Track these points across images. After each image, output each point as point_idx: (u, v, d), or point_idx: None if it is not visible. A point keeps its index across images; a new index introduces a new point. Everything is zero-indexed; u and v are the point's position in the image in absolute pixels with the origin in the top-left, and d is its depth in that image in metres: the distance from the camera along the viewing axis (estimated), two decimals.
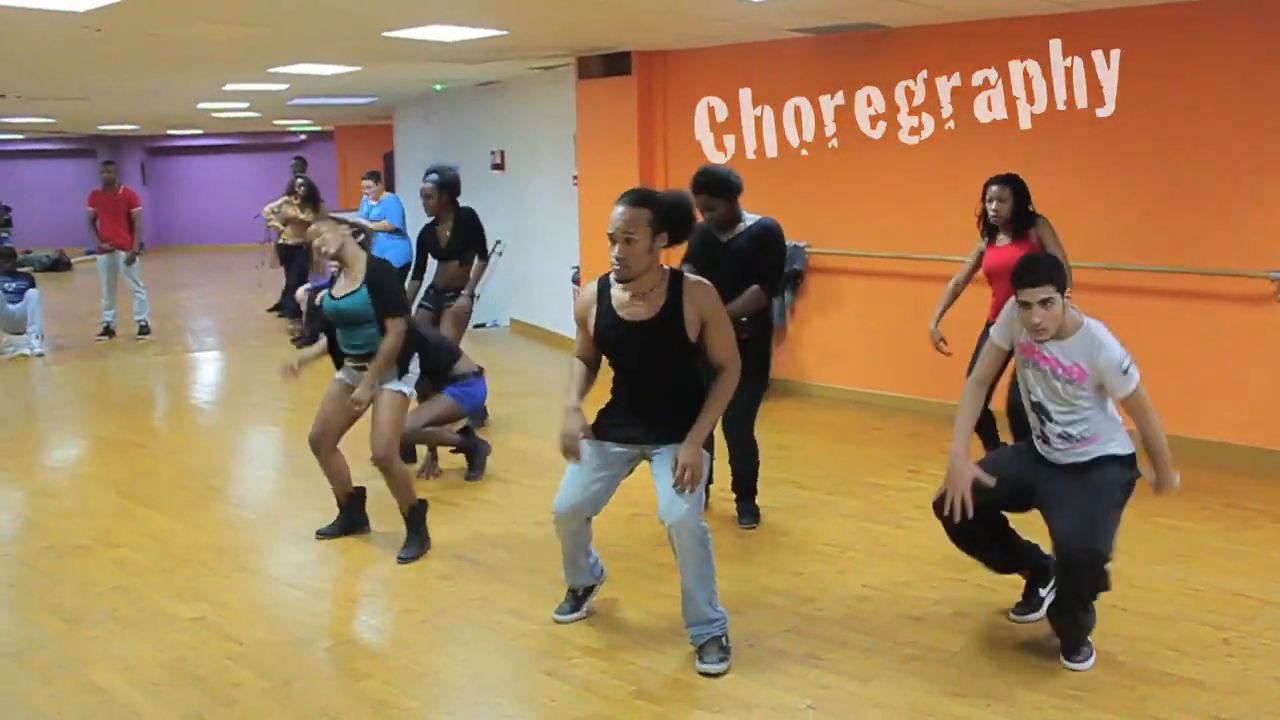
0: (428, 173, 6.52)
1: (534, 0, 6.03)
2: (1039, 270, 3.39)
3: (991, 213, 5.10)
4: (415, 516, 4.73)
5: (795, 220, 7.55)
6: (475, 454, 5.93)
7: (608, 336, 3.63)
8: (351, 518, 4.98)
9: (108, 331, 10.88)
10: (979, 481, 3.51)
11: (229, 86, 10.51)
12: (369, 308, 4.60)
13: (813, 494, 5.49)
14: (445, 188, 6.48)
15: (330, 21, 6.30)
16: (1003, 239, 5.13)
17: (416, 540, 4.70)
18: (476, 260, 6.61)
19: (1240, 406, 5.76)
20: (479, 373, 5.96)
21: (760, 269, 4.73)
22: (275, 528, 5.28)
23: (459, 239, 6.58)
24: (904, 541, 4.78)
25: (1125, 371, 3.39)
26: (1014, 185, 5.06)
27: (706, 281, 3.61)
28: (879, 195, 7.14)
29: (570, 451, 3.63)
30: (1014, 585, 3.96)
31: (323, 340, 4.97)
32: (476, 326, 11.39)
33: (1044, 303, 3.35)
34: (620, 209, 3.45)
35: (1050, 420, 3.56)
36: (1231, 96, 5.65)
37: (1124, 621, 3.87)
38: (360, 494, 5.01)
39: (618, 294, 3.58)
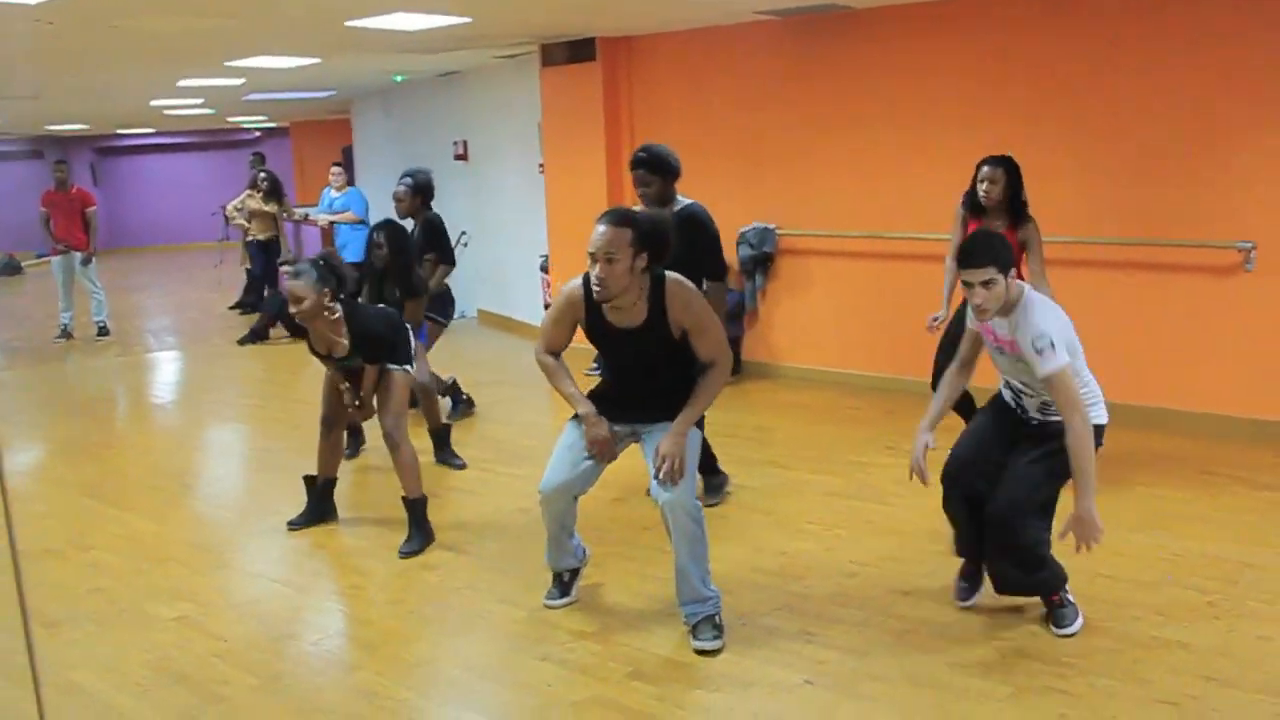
0: (402, 176, 6.46)
1: None
2: (982, 251, 3.35)
3: (982, 194, 4.98)
4: (419, 508, 4.64)
5: (764, 203, 7.61)
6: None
7: (600, 340, 3.66)
8: (321, 506, 4.95)
9: (65, 334, 10.66)
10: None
11: (184, 82, 10.31)
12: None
13: (794, 474, 5.49)
14: (419, 191, 6.43)
15: (293, 10, 6.20)
16: (991, 220, 4.97)
17: (420, 535, 4.62)
18: (441, 265, 6.55)
19: (1213, 376, 5.83)
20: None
21: (698, 259, 4.60)
22: (251, 523, 5.19)
23: (420, 241, 6.51)
24: (889, 517, 4.79)
25: (1039, 351, 3.30)
26: (1007, 167, 4.93)
27: (687, 283, 3.60)
28: (846, 175, 7.16)
29: (605, 456, 3.64)
30: None
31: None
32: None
33: (986, 284, 3.32)
34: (602, 228, 3.41)
35: (1024, 394, 3.59)
36: (1199, 65, 5.70)
37: (1111, 588, 3.91)
38: (332, 482, 4.96)
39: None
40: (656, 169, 4.67)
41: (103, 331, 10.78)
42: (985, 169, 4.98)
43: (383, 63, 9.47)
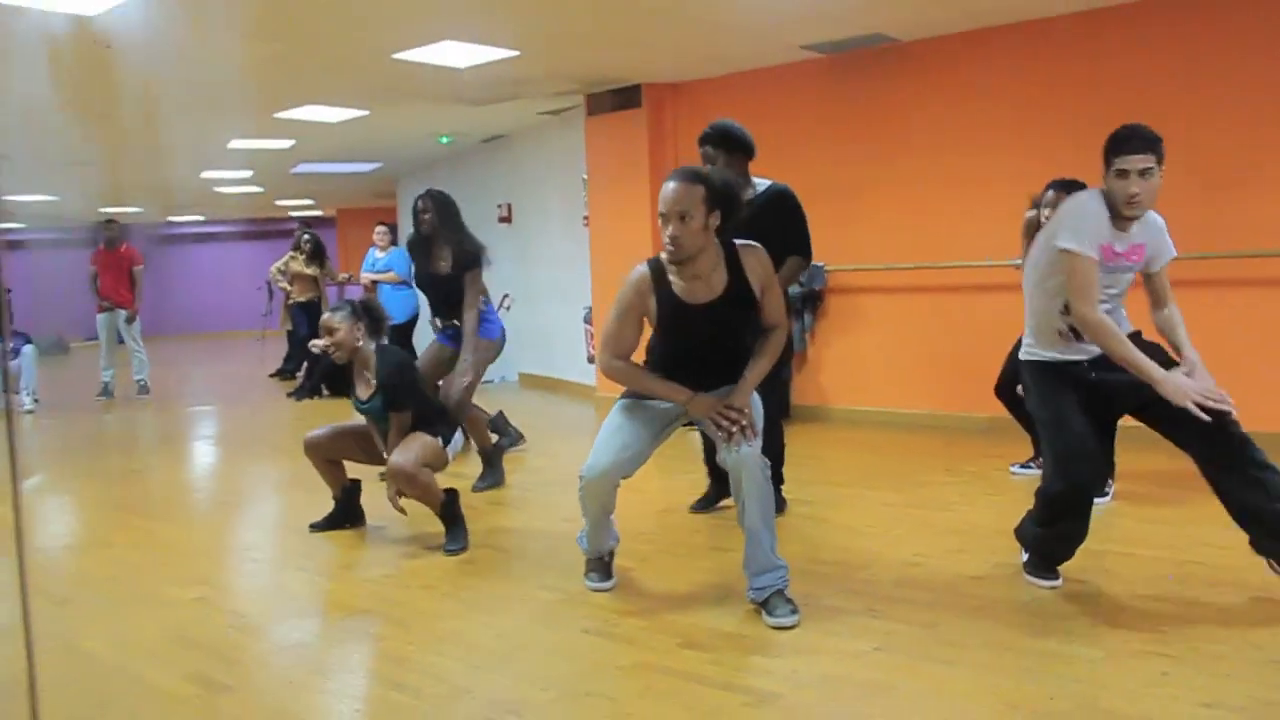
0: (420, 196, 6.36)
1: (545, 14, 6.00)
2: (1141, 138, 3.15)
3: (1044, 220, 4.64)
4: (450, 508, 4.38)
5: (814, 242, 7.44)
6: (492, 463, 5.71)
7: (674, 322, 3.41)
8: (346, 510, 4.71)
9: (106, 392, 10.63)
10: None
11: (234, 144, 10.48)
12: (384, 409, 4.41)
13: (850, 490, 5.20)
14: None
15: (343, 36, 6.25)
16: None
17: (460, 532, 4.35)
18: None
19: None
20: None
21: (787, 239, 4.48)
22: (280, 528, 4.98)
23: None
24: (950, 520, 4.49)
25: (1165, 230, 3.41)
26: (1069, 191, 4.53)
27: (758, 245, 3.44)
28: (896, 208, 7.02)
29: (745, 430, 3.31)
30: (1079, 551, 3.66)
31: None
32: (485, 383, 11.22)
33: (1144, 173, 3.12)
34: (673, 185, 3.25)
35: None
36: (1248, 80, 5.57)
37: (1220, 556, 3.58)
38: (355, 486, 4.75)
39: (678, 280, 3.36)
40: (722, 144, 4.43)
41: (143, 390, 10.74)
42: (1049, 194, 4.70)
43: (430, 120, 9.56)
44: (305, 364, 10.89)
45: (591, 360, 9.10)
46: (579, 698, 2.77)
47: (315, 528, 4.71)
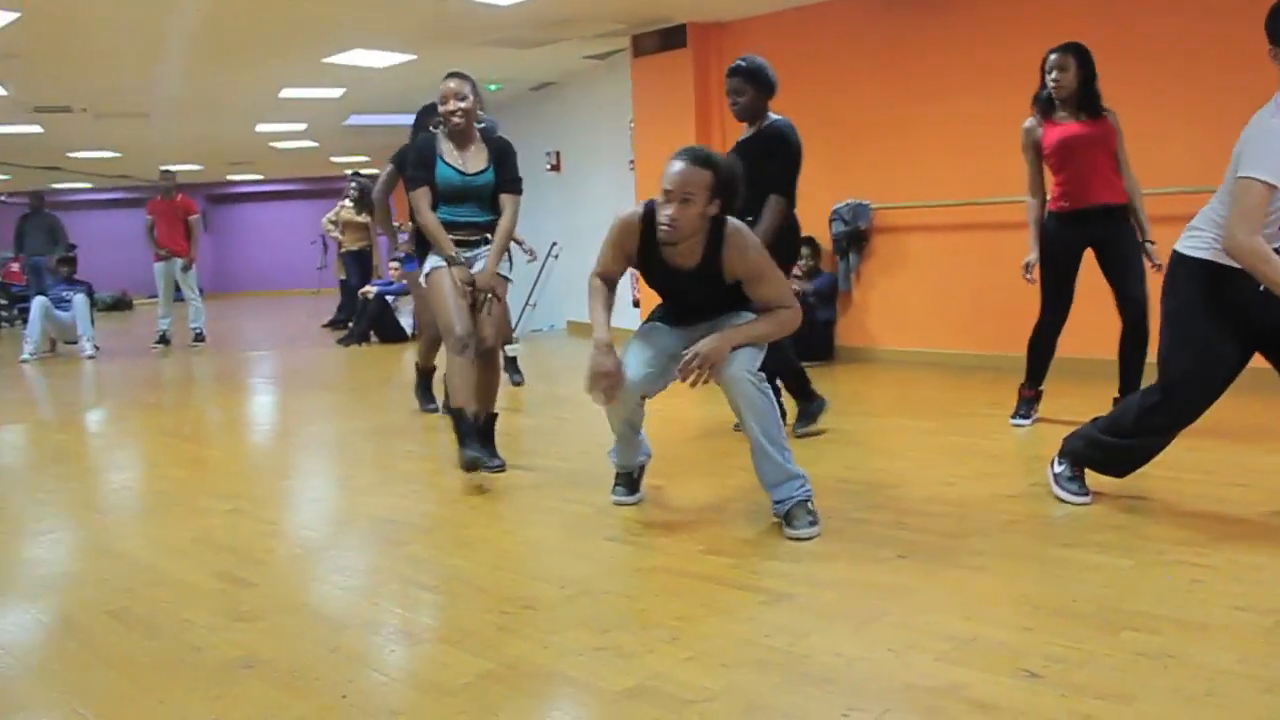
0: None
1: None
2: None
3: (1052, 83, 4.45)
4: (492, 424, 4.37)
5: (858, 179, 7.35)
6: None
7: (656, 275, 3.42)
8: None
9: (163, 339, 10.84)
10: None
11: (286, 93, 10.56)
12: (494, 184, 4.26)
13: (889, 420, 5.14)
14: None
15: None
16: (1063, 115, 4.50)
17: (496, 451, 4.33)
18: None
19: None
20: None
21: (769, 174, 4.35)
22: (321, 453, 5.04)
23: None
24: (990, 446, 4.41)
25: None
26: (1077, 54, 4.43)
27: (746, 231, 3.33)
28: (942, 146, 6.85)
29: (604, 390, 3.33)
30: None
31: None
32: (534, 331, 11.27)
33: None
34: (680, 165, 3.16)
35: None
36: None
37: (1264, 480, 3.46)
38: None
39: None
40: (752, 78, 4.46)
41: (199, 338, 10.93)
42: (1053, 57, 4.47)
43: (478, 64, 9.53)
44: (355, 312, 11.02)
45: (636, 304, 9.08)
46: (595, 595, 2.76)
47: (471, 463, 4.09)
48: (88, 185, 20.61)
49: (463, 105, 4.13)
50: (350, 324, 10.93)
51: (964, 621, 2.44)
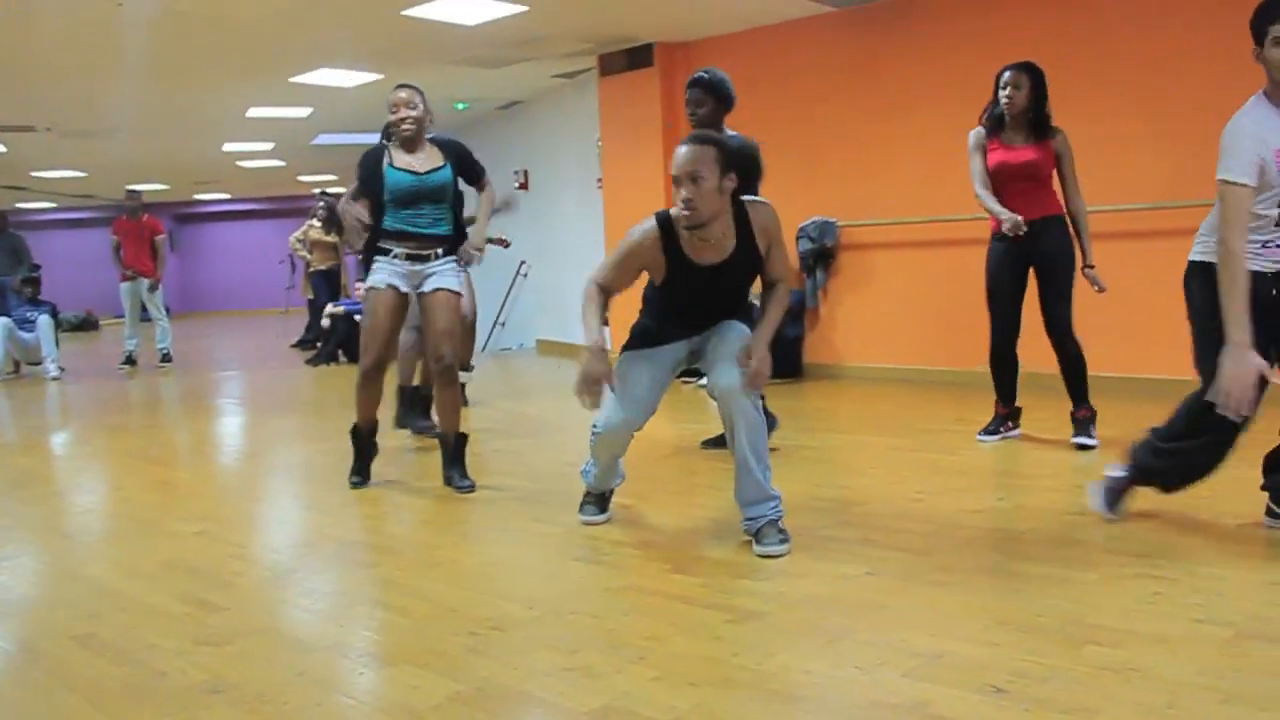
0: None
1: None
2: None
3: (1005, 99, 4.49)
4: (462, 445, 4.36)
5: (824, 197, 7.42)
6: None
7: (681, 282, 3.33)
8: (372, 451, 4.61)
9: (130, 360, 10.73)
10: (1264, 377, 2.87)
11: (253, 112, 10.52)
12: (452, 182, 4.28)
13: (856, 437, 5.18)
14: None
15: None
16: (1010, 135, 4.55)
17: (466, 472, 4.33)
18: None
19: None
20: None
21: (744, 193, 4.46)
22: (289, 475, 5.02)
23: None
24: (957, 462, 4.45)
25: None
26: (1031, 74, 4.48)
27: (767, 202, 3.38)
28: (909, 162, 6.94)
29: (590, 395, 3.31)
30: (1081, 490, 3.63)
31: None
32: (503, 350, 11.25)
33: None
34: (685, 149, 3.15)
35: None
36: None
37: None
38: (375, 426, 4.61)
39: (687, 239, 3.26)
40: (711, 90, 4.52)
41: (166, 358, 10.84)
42: (1007, 74, 4.52)
43: (445, 84, 9.55)
44: (323, 331, 10.96)
45: (605, 323, 9.09)
46: (563, 615, 2.77)
47: (356, 483, 4.44)
48: (52, 205, 20.42)
49: (413, 114, 4.18)
50: (319, 344, 10.87)
51: (931, 638, 2.46)
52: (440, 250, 4.29)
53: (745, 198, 3.34)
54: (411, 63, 8.38)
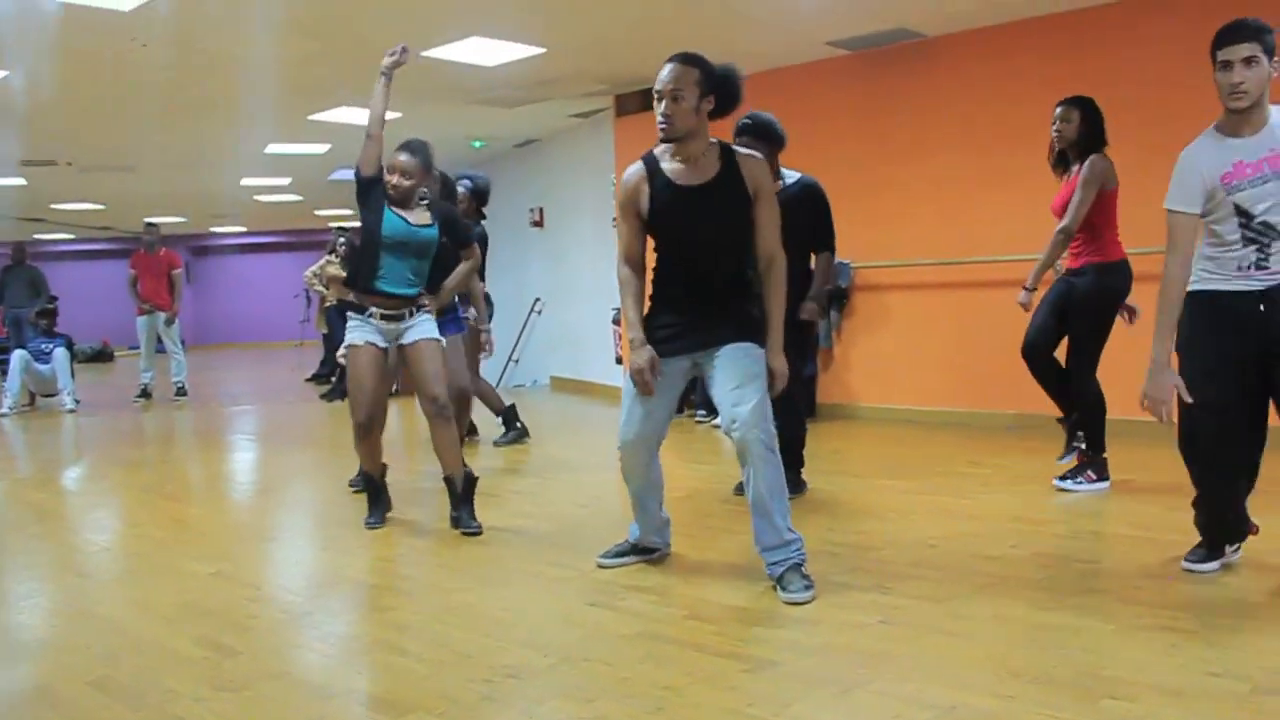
0: (460, 177, 6.46)
1: (570, 10, 6.08)
2: (1244, 26, 2.99)
3: (1054, 133, 4.57)
4: (470, 486, 4.41)
5: (840, 239, 7.37)
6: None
7: (667, 208, 3.36)
8: (385, 495, 4.67)
9: (145, 394, 10.79)
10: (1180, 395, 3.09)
11: (271, 149, 10.65)
12: (437, 241, 4.38)
13: (870, 480, 5.17)
14: (475, 195, 6.46)
15: (374, 33, 6.34)
16: (1071, 169, 4.62)
17: (474, 513, 4.37)
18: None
19: None
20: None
21: (816, 231, 4.73)
22: (304, 513, 5.04)
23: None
24: (971, 507, 4.44)
25: None
26: (1082, 107, 4.50)
27: (758, 156, 3.43)
28: (923, 205, 6.98)
29: (644, 385, 3.37)
30: (1096, 536, 3.63)
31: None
32: (516, 386, 11.28)
33: (1248, 61, 2.96)
34: (668, 66, 3.29)
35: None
36: None
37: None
38: (385, 470, 4.71)
39: (670, 165, 3.38)
40: (761, 135, 4.49)
41: (181, 392, 10.89)
42: (1058, 109, 4.58)
43: (463, 122, 9.65)
44: (337, 366, 11.00)
45: (619, 360, 9.13)
46: (578, 663, 2.77)
47: (372, 524, 4.48)
48: (70, 236, 20.62)
49: (406, 183, 4.29)
50: (333, 378, 10.91)
51: (945, 689, 2.46)
52: (413, 309, 4.39)
53: (739, 149, 3.41)
54: (430, 101, 8.47)
